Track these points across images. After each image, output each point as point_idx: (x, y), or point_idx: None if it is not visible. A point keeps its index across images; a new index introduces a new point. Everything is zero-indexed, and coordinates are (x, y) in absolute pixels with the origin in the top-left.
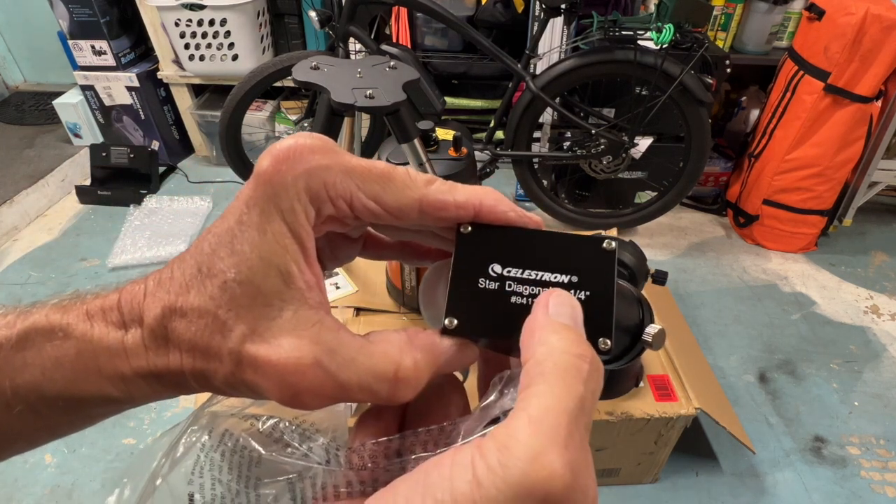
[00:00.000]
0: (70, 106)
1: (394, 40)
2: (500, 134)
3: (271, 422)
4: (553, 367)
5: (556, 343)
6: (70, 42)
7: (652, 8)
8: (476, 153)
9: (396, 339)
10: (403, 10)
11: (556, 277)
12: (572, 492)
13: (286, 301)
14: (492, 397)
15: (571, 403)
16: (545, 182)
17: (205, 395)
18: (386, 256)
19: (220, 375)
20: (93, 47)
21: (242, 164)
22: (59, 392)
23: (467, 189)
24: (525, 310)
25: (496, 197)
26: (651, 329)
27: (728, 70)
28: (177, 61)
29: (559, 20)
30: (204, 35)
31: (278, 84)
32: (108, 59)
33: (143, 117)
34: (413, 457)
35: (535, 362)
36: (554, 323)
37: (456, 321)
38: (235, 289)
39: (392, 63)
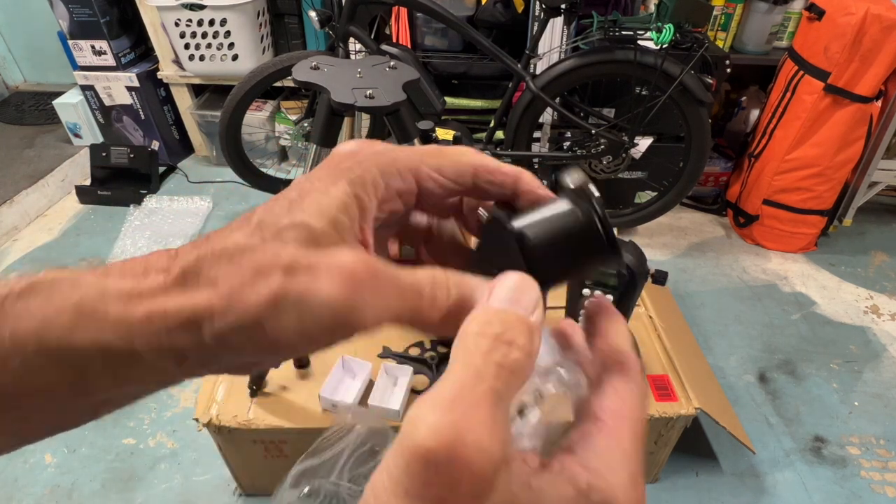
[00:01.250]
0: (70, 106)
1: (394, 40)
2: (500, 134)
3: None
4: (455, 357)
5: (463, 332)
6: (70, 42)
7: (652, 8)
8: None
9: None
10: (403, 10)
11: None
12: (458, 448)
13: (335, 242)
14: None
15: (464, 375)
16: (545, 182)
17: (206, 401)
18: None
19: (261, 291)
20: (93, 47)
21: (242, 164)
22: (57, 341)
23: (510, 166)
24: None
25: (531, 175)
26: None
27: (728, 70)
28: (177, 61)
29: (559, 20)
30: (204, 35)
31: (278, 84)
32: (108, 59)
33: (143, 117)
34: None
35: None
36: (473, 315)
37: None
38: (289, 231)
39: (392, 63)
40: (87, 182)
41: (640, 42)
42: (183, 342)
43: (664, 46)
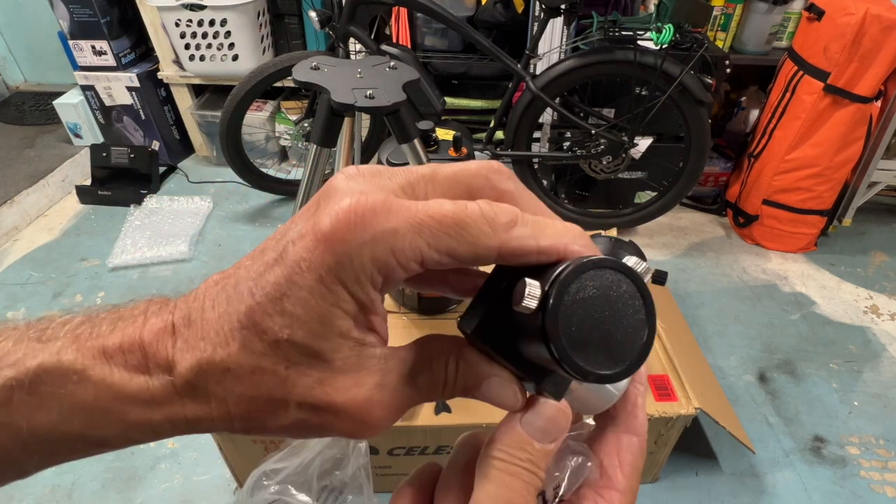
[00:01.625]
0: (70, 106)
1: (394, 40)
2: (500, 134)
3: None
4: (488, 471)
5: (498, 448)
6: (70, 42)
7: (652, 8)
8: (476, 153)
9: (446, 345)
10: (403, 11)
11: None
12: None
13: (345, 352)
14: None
15: (507, 495)
16: (545, 182)
17: None
18: (427, 291)
19: (281, 422)
20: (93, 47)
21: (243, 164)
22: (79, 433)
23: (553, 231)
24: None
25: (585, 243)
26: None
27: (728, 70)
28: (177, 61)
29: (559, 20)
30: (204, 35)
31: (278, 84)
32: (109, 60)
33: (143, 117)
34: None
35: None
36: (508, 432)
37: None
38: (290, 349)
39: (392, 63)
40: (88, 182)
41: (639, 42)
42: (205, 431)
43: (664, 46)
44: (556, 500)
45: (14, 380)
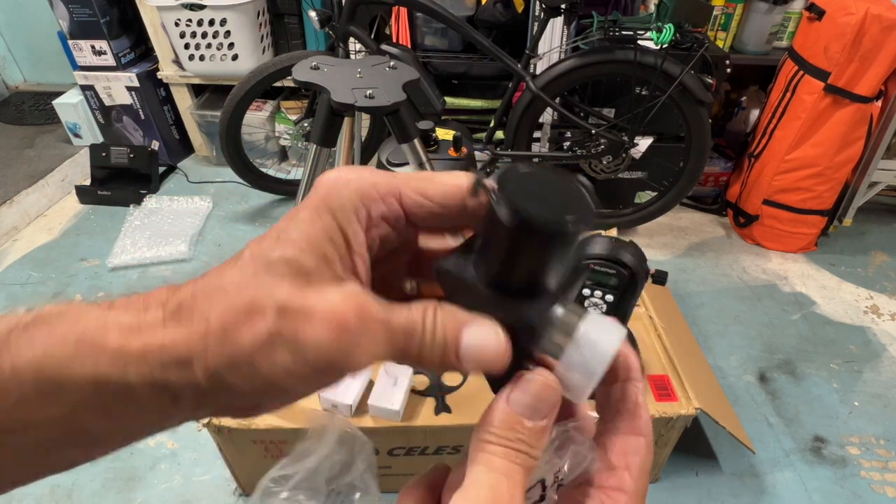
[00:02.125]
0: (70, 106)
1: (394, 40)
2: (500, 134)
3: None
4: (478, 455)
5: (486, 430)
6: (70, 42)
7: (652, 8)
8: (476, 153)
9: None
10: (403, 10)
11: None
12: None
13: (327, 279)
14: (545, 455)
15: (495, 480)
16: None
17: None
18: (427, 283)
19: (255, 330)
20: (93, 47)
21: (243, 164)
22: (54, 372)
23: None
24: None
25: None
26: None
27: (728, 70)
28: (177, 61)
29: (559, 20)
30: (204, 35)
31: (278, 84)
32: (108, 59)
33: (143, 117)
34: None
35: (465, 485)
36: (496, 413)
37: None
38: (280, 265)
39: (392, 63)
40: (87, 182)
41: (640, 42)
42: (176, 378)
43: (664, 46)
44: (556, 485)
45: (18, 321)
